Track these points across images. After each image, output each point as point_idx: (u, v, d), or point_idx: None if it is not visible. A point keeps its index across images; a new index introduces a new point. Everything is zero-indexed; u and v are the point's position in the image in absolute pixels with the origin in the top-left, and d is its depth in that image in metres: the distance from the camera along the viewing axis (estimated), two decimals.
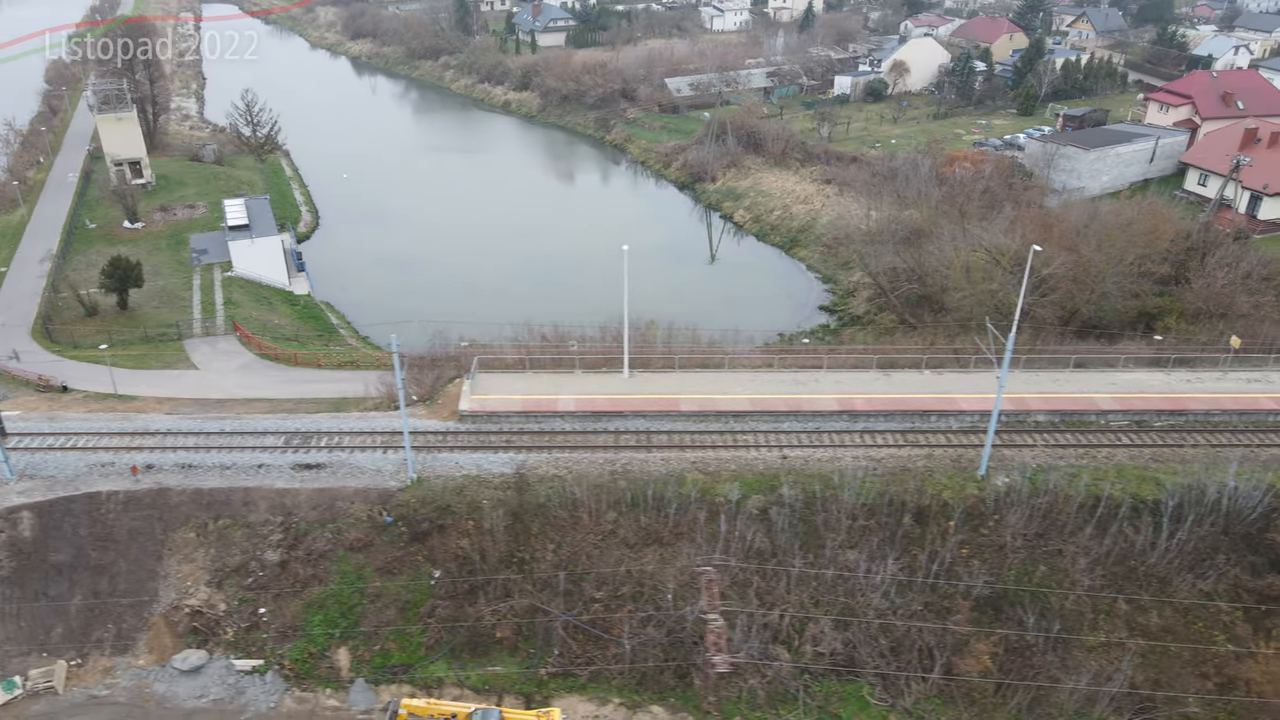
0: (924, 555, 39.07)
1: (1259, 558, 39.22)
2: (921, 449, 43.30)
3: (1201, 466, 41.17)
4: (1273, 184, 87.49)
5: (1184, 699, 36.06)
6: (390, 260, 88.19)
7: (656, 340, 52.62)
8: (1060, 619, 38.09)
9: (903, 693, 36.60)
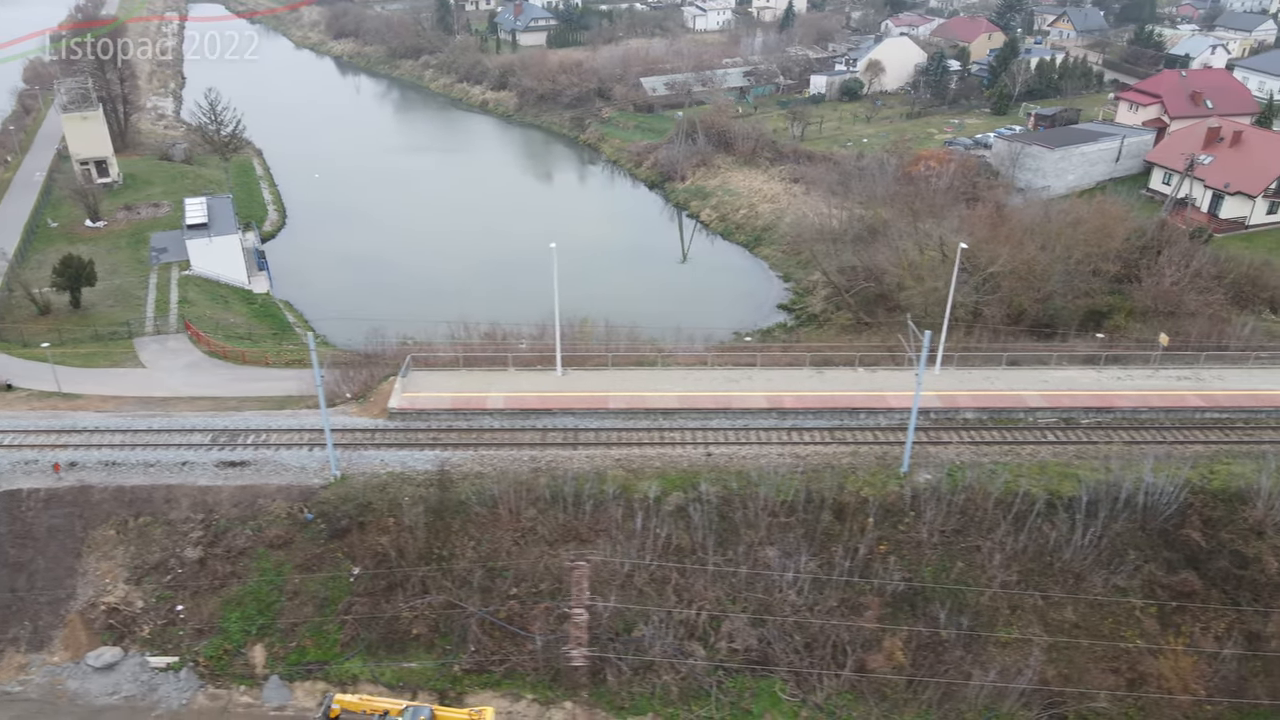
0: (841, 552, 39.24)
1: (1174, 554, 39.39)
2: (847, 446, 43.45)
3: (1121, 463, 41.32)
4: (1234, 183, 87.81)
5: (1094, 695, 36.24)
6: (355, 259, 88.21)
7: (592, 338, 52.69)
8: (975, 615, 38.29)
9: (815, 689, 36.75)
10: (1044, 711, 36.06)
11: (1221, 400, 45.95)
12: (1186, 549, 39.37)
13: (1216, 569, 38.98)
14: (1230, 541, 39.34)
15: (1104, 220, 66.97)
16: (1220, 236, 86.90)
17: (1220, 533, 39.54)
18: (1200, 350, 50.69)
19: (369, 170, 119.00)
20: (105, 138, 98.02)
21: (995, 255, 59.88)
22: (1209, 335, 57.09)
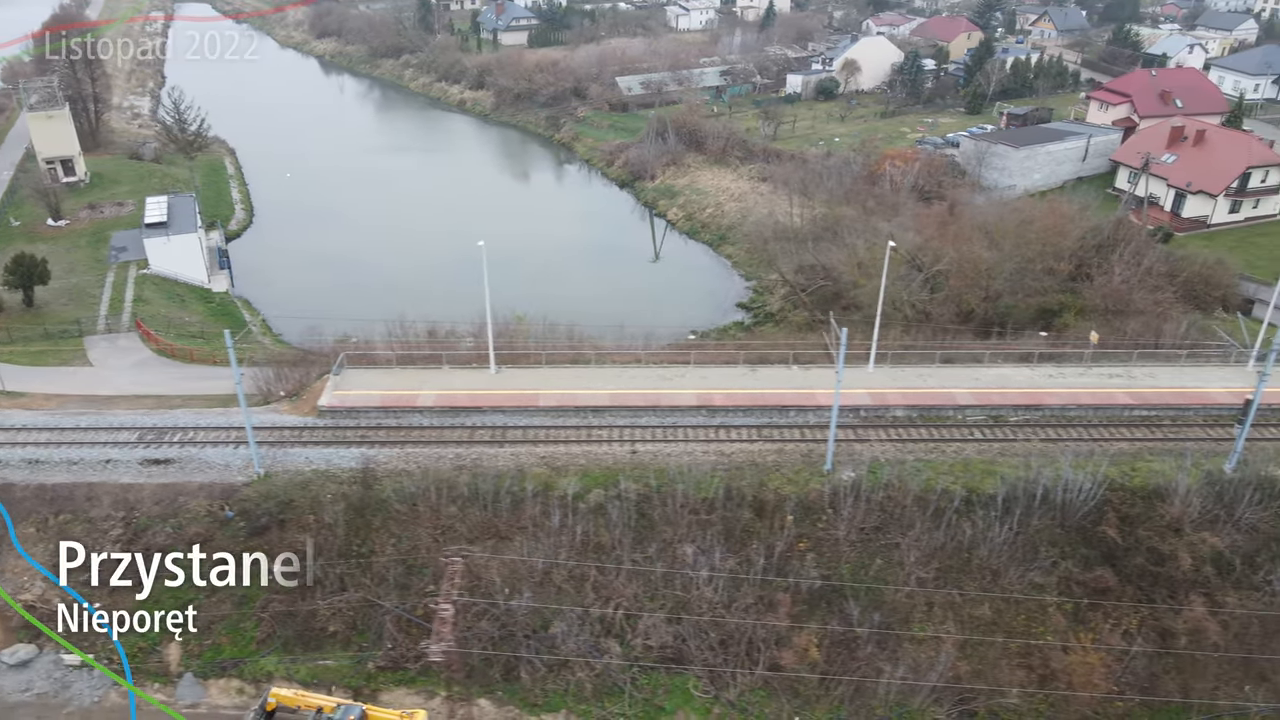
0: (760, 549, 39.31)
1: (1091, 551, 39.51)
2: (773, 444, 43.56)
3: (1043, 460, 41.41)
4: (1196, 182, 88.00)
5: (1004, 691, 36.35)
6: (321, 259, 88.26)
7: (529, 336, 52.77)
8: (891, 611, 38.40)
9: (728, 685, 36.85)
10: (954, 708, 36.22)
11: (1150, 398, 46.08)
12: (1103, 546, 39.47)
13: (1133, 566, 39.09)
14: (1147, 538, 39.47)
15: (1055, 219, 67.13)
16: (1181, 235, 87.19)
17: (1138, 530, 39.66)
18: (1134, 348, 50.79)
19: (343, 170, 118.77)
20: (71, 137, 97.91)
21: (942, 253, 60.00)
22: (1151, 333, 57.41)
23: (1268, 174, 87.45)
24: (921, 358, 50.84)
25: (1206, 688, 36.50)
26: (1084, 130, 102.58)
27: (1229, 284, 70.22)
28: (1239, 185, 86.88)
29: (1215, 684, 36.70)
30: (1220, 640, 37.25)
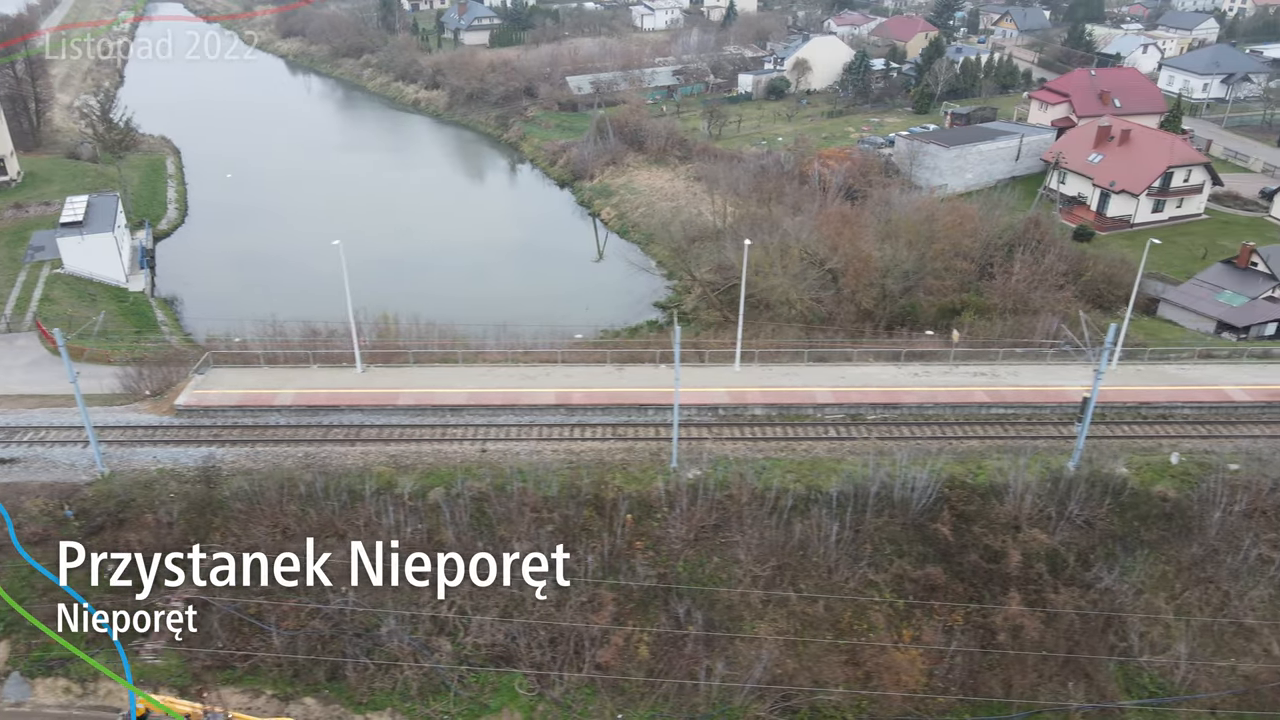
0: (596, 548, 39.37)
1: (927, 548, 39.65)
2: (625, 442, 43.63)
3: (890, 459, 41.51)
4: (1119, 181, 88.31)
5: (827, 689, 36.45)
6: (244, 258, 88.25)
7: (398, 335, 52.82)
8: (726, 609, 38.52)
9: (554, 684, 36.93)
10: (777, 705, 36.32)
11: (1007, 396, 46.24)
12: (938, 543, 39.62)
13: (967, 563, 39.25)
14: (982, 536, 39.64)
15: (957, 218, 67.30)
16: (1104, 235, 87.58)
17: (973, 527, 39.83)
18: (1001, 347, 50.99)
19: (287, 171, 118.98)
20: (3, 135, 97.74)
21: (830, 254, 60.14)
22: (1032, 333, 57.76)
23: (1190, 173, 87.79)
24: (793, 357, 50.98)
25: (1027, 685, 36.66)
26: (1017, 130, 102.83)
27: (1131, 282, 70.25)
28: (1161, 185, 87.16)
29: (1037, 681, 36.86)
30: (1043, 637, 37.39)
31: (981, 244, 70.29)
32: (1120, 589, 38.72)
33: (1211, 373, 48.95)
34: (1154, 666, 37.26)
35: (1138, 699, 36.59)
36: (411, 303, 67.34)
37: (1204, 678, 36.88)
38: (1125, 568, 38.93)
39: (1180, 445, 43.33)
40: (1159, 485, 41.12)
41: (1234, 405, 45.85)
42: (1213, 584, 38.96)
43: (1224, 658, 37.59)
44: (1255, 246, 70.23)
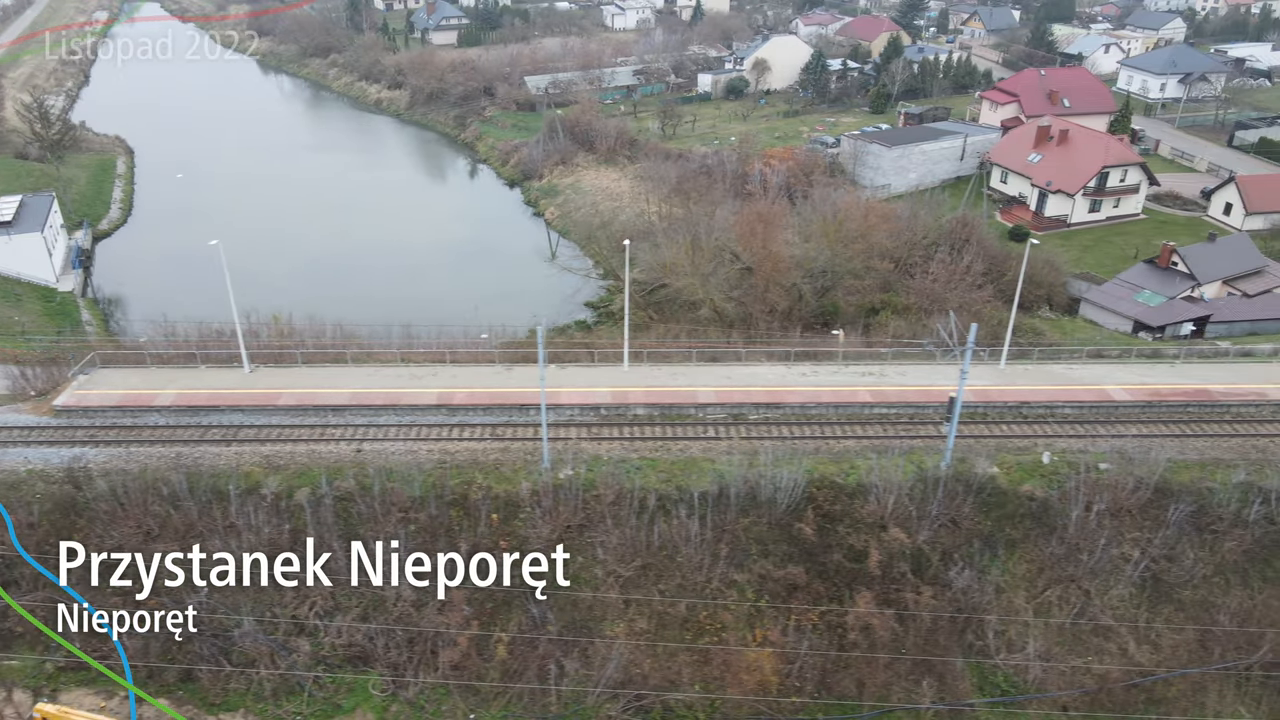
0: (462, 548, 39.33)
1: (791, 548, 39.68)
2: (502, 442, 43.61)
3: (761, 458, 41.54)
4: (1055, 181, 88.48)
5: (679, 688, 36.47)
6: (184, 259, 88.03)
7: (292, 335, 52.77)
8: (588, 610, 38.53)
9: (409, 684, 36.92)
10: (629, 705, 36.32)
11: (890, 395, 46.28)
12: (802, 543, 39.65)
13: (831, 563, 39.32)
14: (846, 535, 39.69)
15: (875, 218, 67.38)
16: (1041, 234, 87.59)
17: (838, 526, 39.88)
18: (885, 347, 51.08)
19: (241, 171, 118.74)
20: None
21: (748, 251, 60.20)
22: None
23: (1126, 173, 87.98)
24: (685, 357, 51.01)
25: (879, 684, 36.71)
26: (962, 130, 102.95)
27: (1054, 282, 70.58)
28: (1097, 185, 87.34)
29: (891, 679, 36.92)
30: (899, 636, 37.46)
31: (905, 244, 70.48)
32: (981, 588, 38.79)
33: (1097, 372, 49.03)
34: (1009, 665, 37.33)
35: (990, 698, 36.67)
36: (333, 303, 67.41)
37: (1056, 676, 36.96)
38: (983, 567, 39.01)
39: (1055, 445, 43.39)
40: (1027, 484, 41.21)
41: (1114, 405, 45.93)
42: (1073, 582, 39.03)
43: (1080, 656, 37.68)
44: (1175, 247, 70.41)
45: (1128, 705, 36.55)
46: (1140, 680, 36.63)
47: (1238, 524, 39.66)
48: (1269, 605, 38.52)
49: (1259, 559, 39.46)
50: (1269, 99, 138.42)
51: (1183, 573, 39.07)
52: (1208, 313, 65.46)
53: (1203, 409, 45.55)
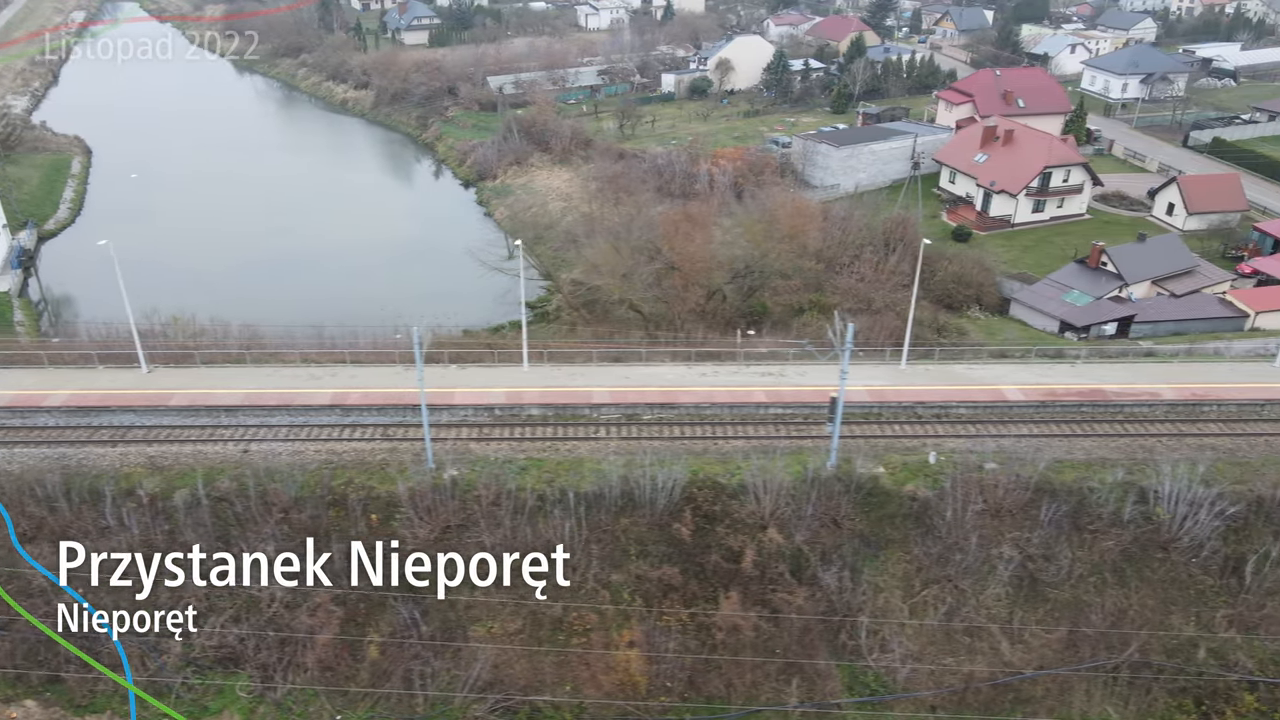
0: (340, 549, 39.20)
1: (670, 548, 39.61)
2: (392, 442, 43.54)
3: (649, 458, 41.43)
4: (999, 181, 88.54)
5: (544, 690, 36.44)
6: (127, 259, 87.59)
7: (199, 335, 52.70)
8: (465, 611, 38.47)
9: (276, 686, 36.84)
10: (496, 706, 36.27)
11: (786, 396, 46.25)
12: (680, 544, 39.60)
13: (708, 563, 39.25)
14: (724, 536, 39.64)
15: (801, 219, 67.35)
16: (984, 234, 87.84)
17: (717, 527, 39.83)
18: (780, 347, 51.13)
19: (198, 171, 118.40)
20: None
21: (664, 251, 60.18)
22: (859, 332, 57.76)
23: (1069, 174, 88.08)
24: (589, 357, 50.97)
25: (747, 684, 36.69)
26: (912, 130, 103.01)
27: (982, 282, 70.57)
28: (1040, 185, 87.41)
29: (760, 680, 36.89)
30: (770, 637, 37.42)
31: (836, 244, 70.46)
32: (858, 588, 38.77)
33: (996, 372, 49.04)
34: (880, 665, 37.31)
35: (858, 697, 36.65)
36: (263, 304, 67.55)
37: (925, 676, 36.95)
38: (861, 567, 38.99)
39: (945, 445, 43.36)
40: (910, 484, 41.19)
41: (1008, 405, 45.93)
42: (950, 582, 39.02)
43: (954, 655, 37.68)
44: (1104, 247, 70.46)
45: (995, 704, 36.58)
46: (1007, 679, 36.63)
47: (1115, 524, 39.70)
48: (1143, 605, 38.60)
49: (1136, 558, 39.49)
50: (1232, 99, 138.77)
51: (1059, 572, 39.08)
52: (1132, 313, 65.52)
53: (1095, 409, 45.56)
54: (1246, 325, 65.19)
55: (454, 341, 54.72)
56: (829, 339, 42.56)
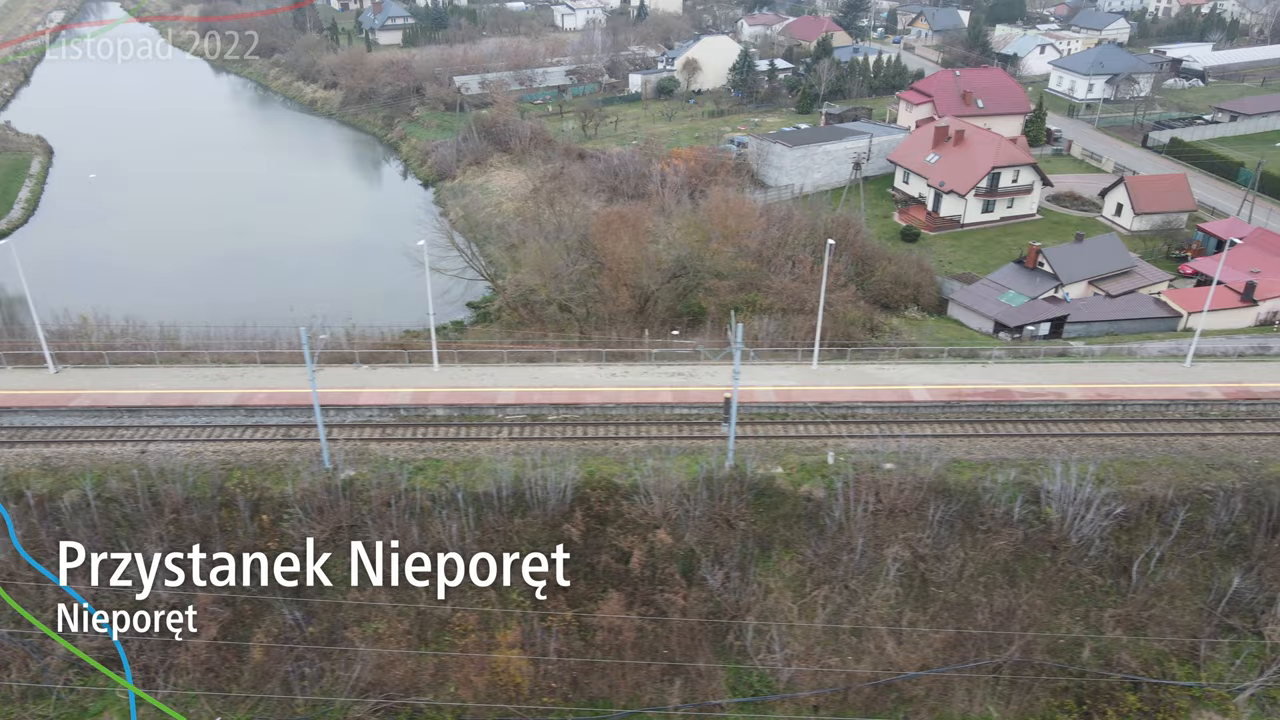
0: (232, 549, 39.10)
1: (563, 550, 39.49)
2: (293, 443, 43.38)
3: (546, 458, 41.38)
4: (948, 182, 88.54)
5: (425, 690, 36.35)
6: (75, 259, 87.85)
7: (114, 335, 52.60)
8: (354, 611, 38.35)
9: (158, 687, 36.70)
10: (377, 707, 36.16)
11: (691, 396, 46.18)
12: (571, 544, 39.45)
13: (599, 564, 39.16)
14: (615, 537, 39.55)
15: (737, 219, 67.24)
16: (933, 235, 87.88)
17: (608, 528, 39.74)
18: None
19: (160, 171, 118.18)
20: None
21: (588, 252, 60.13)
22: (788, 331, 57.91)
23: (1018, 174, 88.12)
24: (502, 358, 50.87)
25: (629, 685, 36.59)
26: (868, 130, 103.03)
27: (919, 282, 70.51)
28: (989, 185, 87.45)
29: (644, 680, 36.78)
30: (657, 638, 37.33)
31: (774, 243, 70.38)
32: (748, 588, 38.70)
33: (907, 373, 48.97)
34: (765, 665, 37.23)
35: (740, 698, 36.58)
36: (198, 304, 67.63)
37: (810, 676, 36.88)
38: (751, 567, 38.90)
39: (847, 445, 43.29)
40: (807, 485, 41.13)
41: (914, 405, 45.89)
42: (841, 582, 38.96)
43: (840, 655, 37.60)
44: (1041, 247, 70.49)
45: (877, 704, 36.50)
46: (889, 679, 36.57)
47: (1007, 523, 39.66)
48: (1032, 605, 38.55)
49: (1027, 558, 39.47)
50: (1199, 99, 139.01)
51: (950, 572, 39.05)
52: (1065, 313, 65.52)
53: (1001, 409, 45.53)
54: (1180, 325, 65.28)
55: (368, 342, 54.53)
56: (729, 340, 42.45)
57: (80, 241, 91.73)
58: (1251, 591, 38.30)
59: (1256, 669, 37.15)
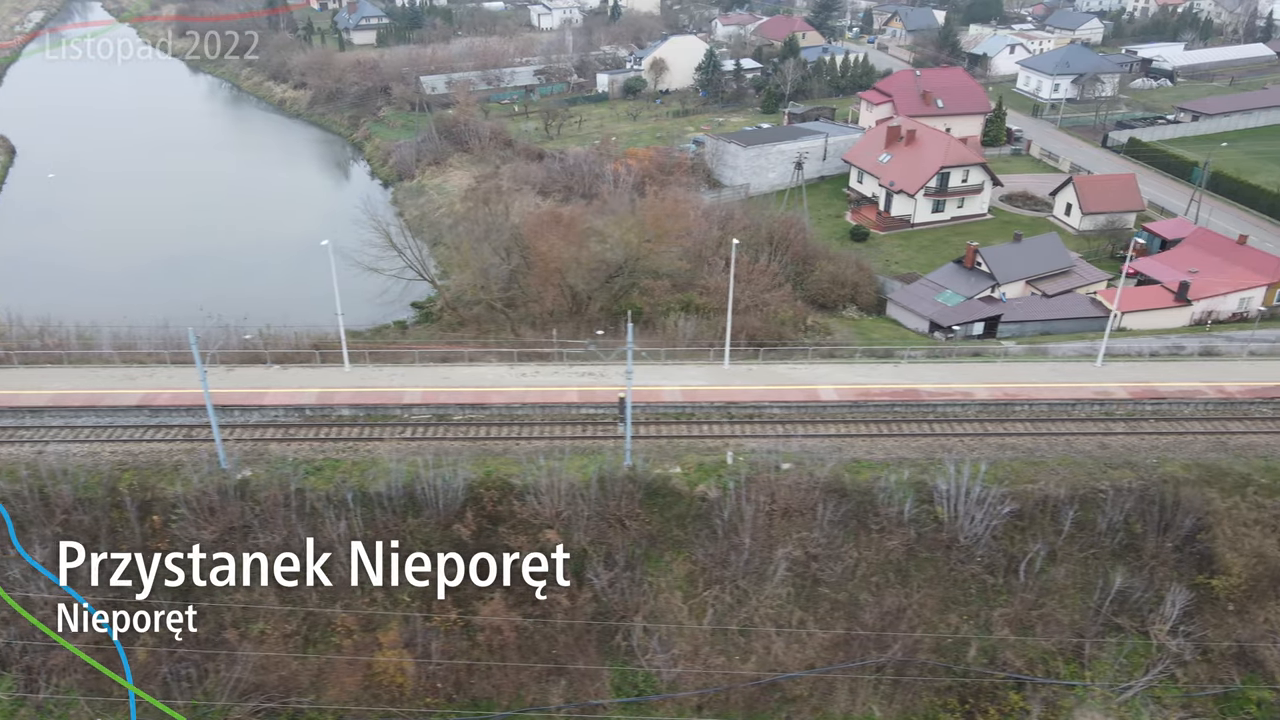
0: (126, 549, 38.97)
1: (452, 549, 39.28)
2: (193, 443, 43.22)
3: (446, 458, 41.23)
4: (898, 181, 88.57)
5: (304, 693, 36.27)
6: (19, 259, 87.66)
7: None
8: (242, 611, 38.25)
9: (39, 688, 36.58)
10: (258, 707, 36.07)
11: (598, 396, 46.06)
12: (462, 545, 39.36)
13: (488, 564, 39.05)
14: (506, 536, 39.45)
15: (672, 219, 67.13)
16: (883, 234, 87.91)
17: (500, 528, 39.65)
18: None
19: (123, 171, 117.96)
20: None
21: (515, 252, 60.04)
22: (717, 331, 57.80)
23: (968, 174, 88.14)
24: (414, 358, 50.78)
25: (512, 685, 36.53)
26: (823, 130, 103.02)
27: (857, 282, 70.46)
28: (939, 185, 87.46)
29: (527, 680, 36.75)
30: (543, 639, 37.28)
31: (712, 243, 70.31)
32: (639, 589, 38.63)
33: (819, 372, 48.91)
34: (650, 666, 37.16)
35: (624, 698, 36.52)
36: (128, 304, 67.15)
37: (694, 676, 36.82)
38: (638, 568, 38.82)
39: (748, 445, 43.21)
40: (703, 485, 41.03)
41: (820, 405, 45.83)
42: (732, 582, 38.89)
43: (727, 655, 37.56)
44: (978, 247, 70.49)
45: (760, 704, 36.50)
46: (772, 679, 36.52)
47: (900, 523, 39.61)
48: (923, 604, 38.56)
49: (920, 557, 39.42)
50: (1166, 99, 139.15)
51: (842, 571, 39.01)
52: (999, 312, 65.52)
53: (907, 408, 45.48)
54: (1113, 325, 65.15)
55: (283, 341, 54.29)
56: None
57: (30, 241, 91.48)
58: (1140, 590, 38.31)
59: (1142, 668, 37.20)
